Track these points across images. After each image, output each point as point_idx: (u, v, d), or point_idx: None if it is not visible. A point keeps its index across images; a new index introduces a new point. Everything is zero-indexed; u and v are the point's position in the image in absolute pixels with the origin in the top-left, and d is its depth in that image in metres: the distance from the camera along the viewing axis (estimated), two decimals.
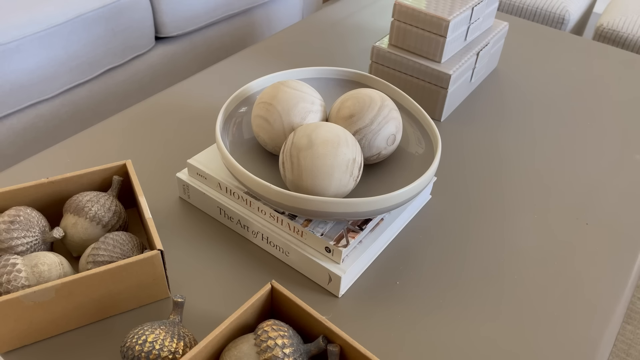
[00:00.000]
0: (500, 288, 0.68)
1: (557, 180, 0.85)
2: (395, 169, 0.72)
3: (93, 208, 0.64)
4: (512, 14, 1.76)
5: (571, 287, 0.69)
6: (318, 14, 1.24)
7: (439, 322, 0.64)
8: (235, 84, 1.00)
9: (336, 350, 0.52)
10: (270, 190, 0.61)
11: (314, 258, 0.64)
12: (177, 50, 1.57)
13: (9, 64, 1.19)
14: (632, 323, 1.37)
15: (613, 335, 0.65)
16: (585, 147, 0.92)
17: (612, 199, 0.82)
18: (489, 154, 0.89)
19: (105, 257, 0.59)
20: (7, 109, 1.23)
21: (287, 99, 0.68)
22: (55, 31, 1.24)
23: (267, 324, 0.52)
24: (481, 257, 0.72)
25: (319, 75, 0.81)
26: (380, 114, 0.68)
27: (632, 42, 1.59)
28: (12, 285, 0.56)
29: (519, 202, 0.80)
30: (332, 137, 0.62)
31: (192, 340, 0.55)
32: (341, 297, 0.66)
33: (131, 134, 0.86)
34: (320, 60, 1.09)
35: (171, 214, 0.74)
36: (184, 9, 1.51)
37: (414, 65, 0.91)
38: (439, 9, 0.88)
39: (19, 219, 0.61)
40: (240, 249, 0.70)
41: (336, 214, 0.60)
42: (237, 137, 0.73)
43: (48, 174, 0.79)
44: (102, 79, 1.41)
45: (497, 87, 1.05)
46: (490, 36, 0.99)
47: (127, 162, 0.68)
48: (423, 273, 0.69)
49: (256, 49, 1.10)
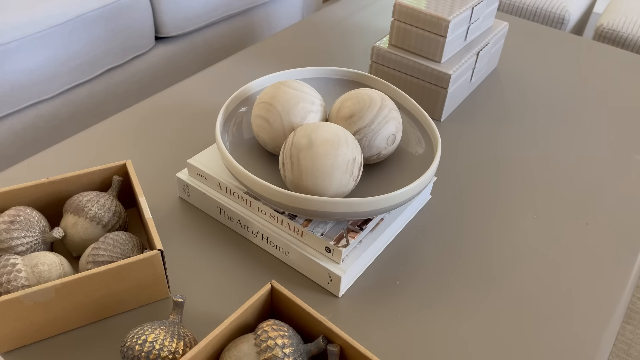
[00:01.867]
0: (500, 288, 0.68)
1: (557, 180, 0.85)
2: (395, 169, 0.72)
3: (93, 208, 0.64)
4: (512, 14, 1.76)
5: (571, 287, 0.69)
6: (318, 14, 1.24)
7: (439, 322, 0.64)
8: (235, 84, 1.00)
9: (336, 350, 0.52)
10: (270, 190, 0.61)
11: (314, 258, 0.64)
12: (177, 50, 1.57)
13: (9, 64, 1.19)
14: (632, 323, 1.37)
15: (613, 335, 0.65)
16: (585, 147, 0.92)
17: (612, 199, 0.82)
18: (488, 153, 0.89)
19: (105, 257, 0.59)
20: (7, 109, 1.23)
21: (287, 99, 0.68)
22: (55, 31, 1.24)
23: (267, 324, 0.52)
24: (481, 257, 0.72)
25: (319, 75, 0.81)
26: (380, 114, 0.68)
27: (632, 42, 1.59)
28: (12, 285, 0.56)
29: (518, 202, 0.80)
30: (332, 137, 0.62)
31: (192, 340, 0.55)
32: (341, 297, 0.66)
33: (131, 134, 0.86)
34: (320, 60, 1.09)
35: (171, 214, 0.74)
36: (184, 9, 1.51)
37: (414, 65, 0.91)
38: (439, 9, 0.88)
39: (19, 219, 0.61)
40: (240, 249, 0.70)
41: (336, 214, 0.60)
42: (237, 137, 0.73)
43: (48, 174, 0.79)
44: (102, 79, 1.41)
45: (497, 87, 1.05)
46: (490, 36, 0.99)
47: (127, 162, 0.68)
48: (423, 273, 0.69)
49: (256, 49, 1.10)
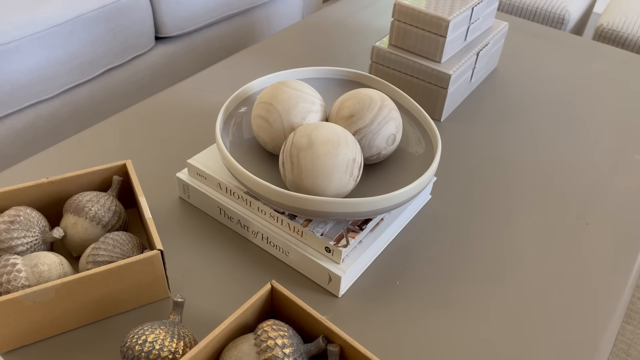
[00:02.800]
0: (500, 288, 0.68)
1: (557, 180, 0.85)
2: (395, 169, 0.72)
3: (93, 208, 0.64)
4: (512, 14, 1.76)
5: (571, 287, 0.69)
6: (318, 14, 1.24)
7: (439, 322, 0.64)
8: (235, 84, 1.00)
9: (336, 350, 0.52)
10: (270, 190, 0.61)
11: (314, 258, 0.64)
12: (177, 50, 1.57)
13: (9, 64, 1.19)
14: (632, 323, 1.37)
15: (613, 335, 0.65)
16: (585, 147, 0.92)
17: (612, 199, 0.82)
18: (489, 154, 0.89)
19: (105, 257, 0.59)
20: (7, 109, 1.23)
21: (287, 99, 0.68)
22: (55, 31, 1.24)
23: (267, 324, 0.52)
24: (481, 257, 0.72)
25: (319, 75, 0.81)
26: (380, 114, 0.68)
27: (632, 42, 1.59)
28: (12, 285, 0.56)
29: (519, 202, 0.80)
30: (332, 137, 0.62)
31: (192, 340, 0.55)
32: (341, 297, 0.66)
33: (131, 134, 0.86)
34: (320, 60, 1.09)
35: (171, 214, 0.74)
36: (184, 9, 1.51)
37: (414, 65, 0.91)
38: (439, 9, 0.88)
39: (19, 219, 0.61)
40: (240, 249, 0.70)
41: (336, 214, 0.60)
42: (237, 137, 0.73)
43: (48, 174, 0.78)
44: (102, 79, 1.41)
45: (497, 87, 1.05)
46: (490, 36, 0.99)
47: (127, 162, 0.68)
48: (423, 273, 0.69)
49: (256, 49, 1.10)
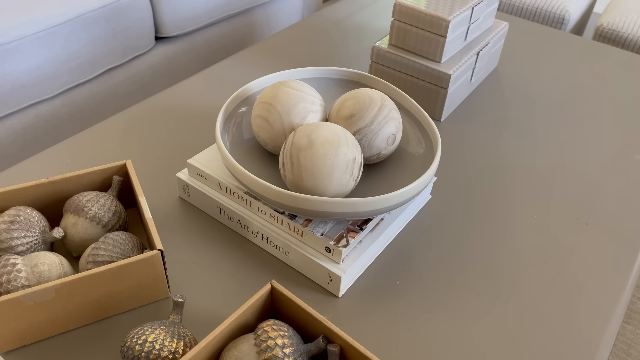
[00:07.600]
0: (500, 288, 0.68)
1: (557, 180, 0.85)
2: (395, 169, 0.72)
3: (93, 208, 0.64)
4: (512, 14, 1.76)
5: (571, 287, 0.69)
6: (318, 14, 1.24)
7: (439, 322, 0.64)
8: (235, 84, 1.00)
9: (336, 350, 0.52)
10: (270, 190, 0.61)
11: (314, 258, 0.64)
12: (177, 50, 1.57)
13: (9, 64, 1.19)
14: (632, 323, 1.37)
15: (613, 335, 0.65)
16: (585, 147, 0.92)
17: (612, 199, 0.82)
18: (489, 154, 0.89)
19: (105, 257, 0.59)
20: (7, 109, 1.23)
21: (287, 99, 0.68)
22: (55, 31, 1.24)
23: (267, 324, 0.52)
24: (481, 257, 0.72)
25: (319, 75, 0.81)
26: (380, 114, 0.68)
27: (632, 42, 1.59)
28: (12, 285, 0.56)
29: (518, 202, 0.80)
30: (332, 137, 0.62)
31: (192, 340, 0.55)
32: (341, 297, 0.66)
33: (131, 134, 0.86)
34: (320, 60, 1.09)
35: (171, 214, 0.74)
36: (184, 9, 1.51)
37: (414, 65, 0.91)
38: (439, 9, 0.88)
39: (19, 219, 0.61)
40: (240, 249, 0.70)
41: (336, 214, 0.60)
42: (237, 137, 0.73)
43: (48, 174, 0.79)
44: (102, 79, 1.41)
45: (497, 87, 1.05)
46: (490, 36, 0.99)
47: (127, 162, 0.68)
48: (423, 273, 0.69)
49: (256, 49, 1.10)
